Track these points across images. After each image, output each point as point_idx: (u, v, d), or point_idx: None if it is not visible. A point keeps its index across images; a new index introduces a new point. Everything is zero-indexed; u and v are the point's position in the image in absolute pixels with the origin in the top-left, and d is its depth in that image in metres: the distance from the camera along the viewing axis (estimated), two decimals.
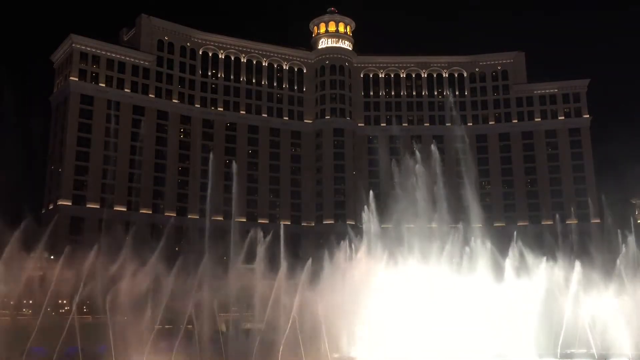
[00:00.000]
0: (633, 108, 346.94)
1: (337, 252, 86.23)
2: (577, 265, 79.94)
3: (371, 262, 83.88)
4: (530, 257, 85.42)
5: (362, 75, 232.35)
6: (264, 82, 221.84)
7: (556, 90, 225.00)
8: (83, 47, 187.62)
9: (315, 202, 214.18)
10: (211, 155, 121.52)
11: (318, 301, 75.28)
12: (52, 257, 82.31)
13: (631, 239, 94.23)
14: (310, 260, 78.08)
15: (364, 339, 77.34)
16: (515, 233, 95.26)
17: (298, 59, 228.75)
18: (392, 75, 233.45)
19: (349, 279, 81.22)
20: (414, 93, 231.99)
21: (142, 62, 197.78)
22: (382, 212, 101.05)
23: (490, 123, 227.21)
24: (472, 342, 74.96)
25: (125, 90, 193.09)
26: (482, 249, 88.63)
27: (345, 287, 79.45)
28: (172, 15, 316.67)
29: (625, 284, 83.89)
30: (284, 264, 77.50)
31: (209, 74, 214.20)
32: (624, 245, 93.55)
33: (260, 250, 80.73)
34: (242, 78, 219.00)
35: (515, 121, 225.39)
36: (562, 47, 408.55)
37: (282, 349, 70.03)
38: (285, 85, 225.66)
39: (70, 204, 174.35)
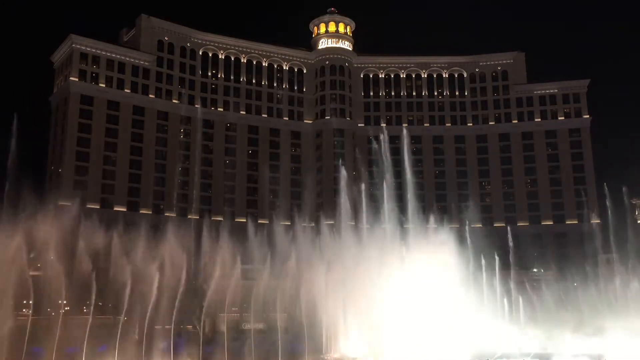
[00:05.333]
0: (633, 108, 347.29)
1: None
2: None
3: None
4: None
5: (362, 76, 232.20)
6: (264, 83, 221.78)
7: (556, 90, 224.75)
8: (83, 48, 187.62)
9: (316, 203, 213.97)
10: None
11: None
12: (51, 257, 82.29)
13: None
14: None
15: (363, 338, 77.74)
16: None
17: (298, 59, 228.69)
18: (392, 76, 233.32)
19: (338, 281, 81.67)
20: (414, 93, 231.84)
21: (142, 63, 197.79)
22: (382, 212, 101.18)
23: (490, 123, 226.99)
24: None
25: (125, 90, 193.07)
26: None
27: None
28: (172, 16, 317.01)
29: None
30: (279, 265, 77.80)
31: (209, 74, 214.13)
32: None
33: (259, 251, 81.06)
34: (242, 78, 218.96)
35: (515, 121, 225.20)
36: (562, 47, 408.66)
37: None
38: (285, 86, 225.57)
39: (70, 204, 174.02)
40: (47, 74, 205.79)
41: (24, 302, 79.10)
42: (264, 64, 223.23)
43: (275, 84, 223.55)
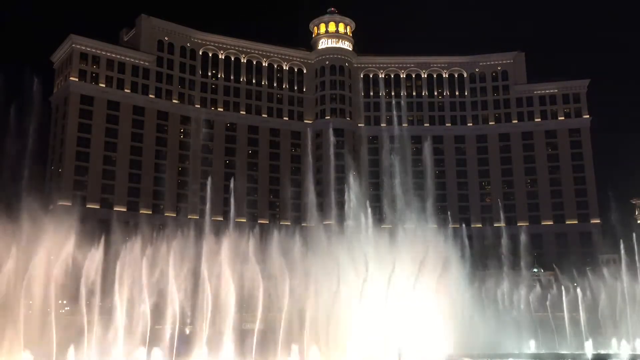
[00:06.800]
0: (633, 108, 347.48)
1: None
2: None
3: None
4: None
5: (362, 76, 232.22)
6: (264, 83, 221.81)
7: (556, 90, 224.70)
8: (83, 48, 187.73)
9: (315, 202, 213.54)
10: None
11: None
12: (51, 257, 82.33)
13: None
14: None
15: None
16: None
17: (298, 60, 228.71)
18: (392, 76, 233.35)
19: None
20: (414, 93, 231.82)
21: (142, 63, 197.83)
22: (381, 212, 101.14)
23: (490, 123, 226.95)
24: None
25: (125, 90, 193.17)
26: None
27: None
28: (172, 16, 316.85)
29: None
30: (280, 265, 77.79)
31: (209, 74, 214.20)
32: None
33: (258, 251, 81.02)
34: (242, 78, 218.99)
35: (515, 121, 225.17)
36: (562, 47, 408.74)
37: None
38: (285, 86, 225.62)
39: (70, 204, 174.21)
40: (47, 74, 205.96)
41: (24, 302, 79.05)
42: (264, 64, 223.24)
43: (275, 84, 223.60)
